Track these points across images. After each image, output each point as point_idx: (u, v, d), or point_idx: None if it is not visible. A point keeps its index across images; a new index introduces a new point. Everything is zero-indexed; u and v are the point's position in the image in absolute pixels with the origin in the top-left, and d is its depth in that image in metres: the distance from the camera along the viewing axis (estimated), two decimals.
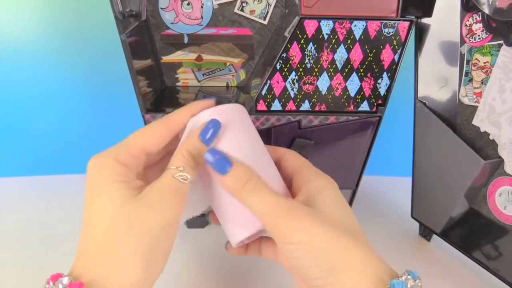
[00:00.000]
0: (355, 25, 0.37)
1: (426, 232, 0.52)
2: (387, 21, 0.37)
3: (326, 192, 0.27)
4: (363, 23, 0.37)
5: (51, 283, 0.21)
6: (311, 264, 0.23)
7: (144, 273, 0.23)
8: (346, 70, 0.40)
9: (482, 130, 0.40)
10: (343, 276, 0.22)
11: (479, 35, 0.38)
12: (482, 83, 0.39)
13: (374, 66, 0.40)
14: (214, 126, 0.27)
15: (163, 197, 0.24)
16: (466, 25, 0.39)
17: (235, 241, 0.29)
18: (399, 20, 0.37)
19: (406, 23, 0.38)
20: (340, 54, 0.39)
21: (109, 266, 0.22)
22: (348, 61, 0.39)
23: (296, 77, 0.40)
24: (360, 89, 0.41)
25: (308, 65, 0.40)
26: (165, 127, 0.28)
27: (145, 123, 0.42)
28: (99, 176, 0.25)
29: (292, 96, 0.41)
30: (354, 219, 0.27)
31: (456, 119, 0.42)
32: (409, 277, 0.22)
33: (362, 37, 0.38)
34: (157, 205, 0.24)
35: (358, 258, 0.23)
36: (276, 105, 0.42)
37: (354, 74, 0.40)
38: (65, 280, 0.21)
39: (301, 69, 0.40)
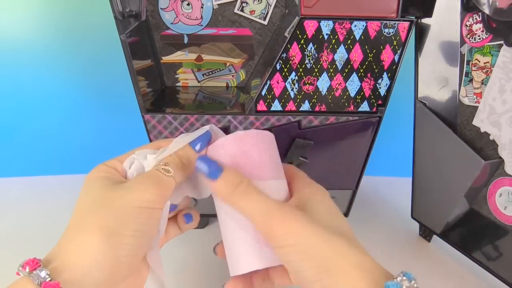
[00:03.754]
0: (355, 25, 0.37)
1: (426, 233, 0.52)
2: (387, 21, 0.37)
3: (318, 198, 0.28)
4: (363, 23, 0.37)
5: (27, 269, 0.22)
6: (306, 267, 0.23)
7: (105, 246, 0.23)
8: (346, 71, 0.40)
9: (482, 130, 0.40)
10: (338, 279, 0.22)
11: (479, 35, 0.38)
12: (482, 83, 0.39)
13: (374, 67, 0.40)
14: (205, 137, 0.29)
15: (141, 181, 0.26)
16: (466, 25, 0.39)
17: (236, 272, 0.28)
18: (399, 20, 0.37)
19: (406, 23, 0.38)
20: (340, 55, 0.39)
21: (73, 239, 0.23)
22: (348, 61, 0.39)
23: (296, 78, 0.40)
24: (360, 89, 0.41)
25: (308, 66, 0.39)
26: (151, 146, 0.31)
27: (145, 123, 0.42)
28: (89, 175, 0.28)
29: (292, 96, 0.41)
30: (345, 223, 0.27)
31: (456, 119, 0.42)
32: (404, 278, 0.22)
33: (362, 37, 0.38)
34: (134, 187, 0.25)
35: (352, 260, 0.23)
36: (276, 106, 0.42)
37: (354, 74, 0.40)
38: (43, 274, 0.21)
39: (301, 70, 0.40)
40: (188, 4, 0.43)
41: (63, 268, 0.22)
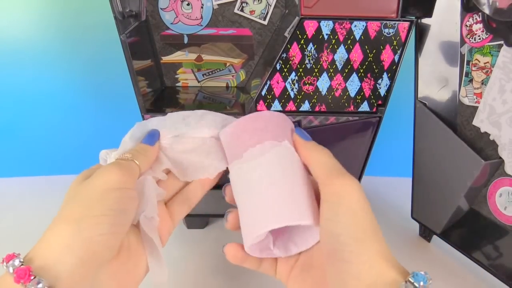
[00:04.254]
0: (355, 26, 0.37)
1: (426, 233, 0.52)
2: (387, 22, 0.37)
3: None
4: (363, 23, 0.37)
5: (4, 263, 0.23)
6: (351, 234, 0.24)
7: (73, 229, 0.24)
8: (346, 71, 0.40)
9: (482, 130, 0.40)
10: (373, 258, 0.23)
11: (479, 36, 0.38)
12: (482, 83, 0.39)
13: (374, 67, 0.40)
14: (153, 134, 0.32)
15: (102, 169, 0.28)
16: (467, 26, 0.39)
17: (258, 232, 0.27)
18: (399, 20, 0.37)
19: (406, 24, 0.38)
20: (340, 55, 0.39)
21: (45, 233, 0.25)
22: (348, 61, 0.39)
23: (296, 78, 0.40)
24: (360, 89, 0.41)
25: (308, 66, 0.39)
26: None
27: None
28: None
29: (292, 96, 0.41)
30: None
31: (456, 119, 0.42)
32: (427, 275, 0.23)
33: (362, 37, 0.38)
34: (96, 174, 0.27)
35: (385, 247, 0.24)
36: (276, 106, 0.42)
37: (354, 74, 0.40)
38: (17, 262, 0.23)
39: (301, 70, 0.40)
40: (188, 4, 0.43)
41: (36, 256, 0.23)
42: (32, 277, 0.22)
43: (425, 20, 0.42)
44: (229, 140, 0.32)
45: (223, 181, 0.33)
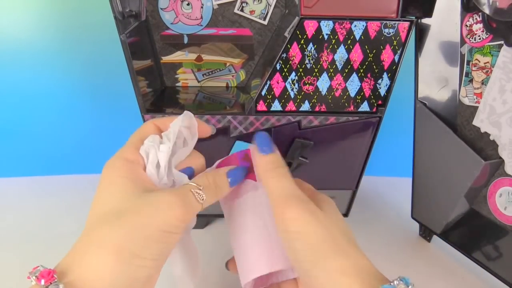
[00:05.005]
0: (355, 26, 0.37)
1: (426, 233, 0.52)
2: (387, 22, 0.37)
3: (329, 204, 0.29)
4: (363, 23, 0.37)
5: (43, 282, 0.21)
6: (307, 257, 0.24)
7: (123, 268, 0.22)
8: (346, 71, 0.40)
9: (482, 130, 0.40)
10: (335, 277, 0.23)
11: (479, 36, 0.38)
12: (482, 83, 0.39)
13: (374, 67, 0.40)
14: (242, 172, 0.30)
15: (170, 200, 0.24)
16: (467, 26, 0.39)
17: (251, 276, 0.28)
18: (399, 20, 0.37)
19: (406, 24, 0.38)
20: (340, 55, 0.39)
21: (89, 252, 0.22)
22: (348, 61, 0.39)
23: (296, 78, 0.40)
24: (360, 89, 0.41)
25: (308, 66, 0.39)
26: (153, 123, 0.30)
27: None
28: (109, 173, 0.26)
29: (292, 96, 0.41)
30: (350, 230, 0.28)
31: (456, 119, 0.42)
32: (401, 282, 0.22)
33: (362, 37, 0.38)
34: (161, 205, 0.24)
35: (352, 261, 0.24)
36: (276, 106, 0.42)
37: (354, 74, 0.40)
38: (38, 270, 0.21)
39: (301, 70, 0.40)
40: (188, 4, 0.43)
41: (78, 285, 0.21)
42: None
43: (425, 20, 0.42)
44: None
45: None
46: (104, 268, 0.22)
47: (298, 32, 0.37)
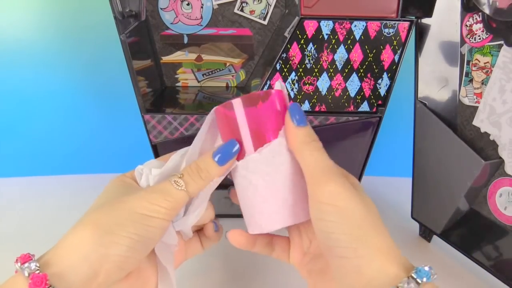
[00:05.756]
0: (355, 25, 0.37)
1: (426, 233, 0.52)
2: (387, 22, 0.37)
3: (360, 185, 0.29)
4: (363, 23, 0.37)
5: (19, 263, 0.23)
6: (343, 231, 0.24)
7: (95, 242, 0.23)
8: (346, 71, 0.40)
9: (482, 130, 0.40)
10: (372, 253, 0.23)
11: (479, 36, 0.38)
12: (482, 83, 0.39)
13: (374, 67, 0.40)
14: (230, 149, 0.28)
15: (150, 191, 0.26)
16: (467, 26, 0.39)
17: (264, 229, 0.28)
18: (399, 20, 0.37)
19: (406, 24, 0.38)
20: (340, 55, 0.39)
21: (68, 233, 0.24)
22: (348, 61, 0.39)
23: (296, 78, 0.40)
24: (360, 89, 0.41)
25: (308, 66, 0.39)
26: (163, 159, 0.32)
27: (145, 123, 0.42)
28: (109, 182, 0.30)
29: (292, 96, 0.41)
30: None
31: (456, 119, 0.42)
32: (432, 270, 0.22)
33: (362, 37, 0.38)
34: (141, 195, 0.26)
35: (387, 242, 0.24)
36: None
37: (354, 74, 0.40)
38: (33, 266, 0.22)
39: (301, 70, 0.40)
40: (188, 4, 0.43)
41: (53, 261, 0.23)
42: (47, 287, 0.21)
43: (425, 20, 0.42)
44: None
45: (227, 181, 0.33)
46: (79, 242, 0.24)
47: (298, 32, 0.37)
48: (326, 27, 0.37)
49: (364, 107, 0.42)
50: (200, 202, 0.29)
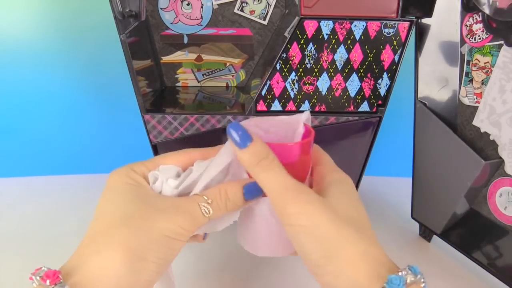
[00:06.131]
0: (355, 26, 0.37)
1: (426, 233, 0.52)
2: (387, 22, 0.37)
3: (340, 186, 0.27)
4: (363, 23, 0.37)
5: (48, 282, 0.21)
6: (312, 249, 0.24)
7: (128, 269, 0.22)
8: (346, 71, 0.40)
9: (482, 130, 0.40)
10: (341, 266, 0.23)
11: (479, 36, 0.38)
12: (482, 83, 0.39)
13: (374, 67, 0.40)
14: (258, 191, 0.27)
15: (177, 210, 0.25)
16: (467, 26, 0.39)
17: (253, 251, 0.30)
18: (399, 20, 0.37)
19: (406, 24, 0.38)
20: (340, 55, 0.39)
21: (96, 253, 0.23)
22: (348, 61, 0.39)
23: (296, 78, 0.40)
24: (360, 89, 0.41)
25: (308, 66, 0.39)
26: (177, 158, 0.30)
27: (145, 123, 0.42)
28: (114, 180, 0.27)
29: (292, 96, 0.41)
30: (363, 214, 0.27)
31: (456, 119, 0.42)
32: (409, 272, 0.22)
33: (362, 37, 0.38)
34: (168, 214, 0.24)
35: (359, 250, 0.23)
36: (276, 106, 0.42)
37: (354, 74, 0.40)
38: (43, 271, 0.21)
39: (301, 70, 0.40)
40: (188, 4, 0.43)
41: (83, 284, 0.22)
42: None
43: (425, 20, 0.42)
44: None
45: None
46: (110, 267, 0.22)
47: (298, 32, 0.37)
48: (326, 27, 0.37)
49: (364, 107, 0.42)
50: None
